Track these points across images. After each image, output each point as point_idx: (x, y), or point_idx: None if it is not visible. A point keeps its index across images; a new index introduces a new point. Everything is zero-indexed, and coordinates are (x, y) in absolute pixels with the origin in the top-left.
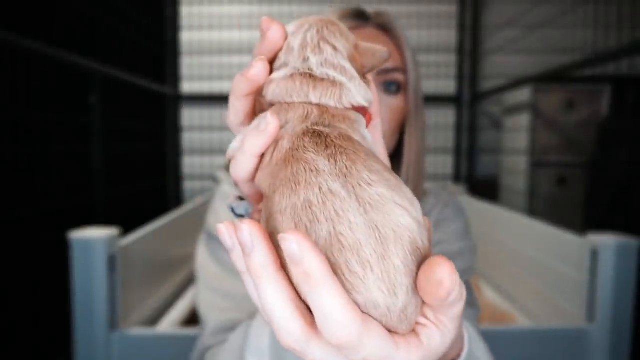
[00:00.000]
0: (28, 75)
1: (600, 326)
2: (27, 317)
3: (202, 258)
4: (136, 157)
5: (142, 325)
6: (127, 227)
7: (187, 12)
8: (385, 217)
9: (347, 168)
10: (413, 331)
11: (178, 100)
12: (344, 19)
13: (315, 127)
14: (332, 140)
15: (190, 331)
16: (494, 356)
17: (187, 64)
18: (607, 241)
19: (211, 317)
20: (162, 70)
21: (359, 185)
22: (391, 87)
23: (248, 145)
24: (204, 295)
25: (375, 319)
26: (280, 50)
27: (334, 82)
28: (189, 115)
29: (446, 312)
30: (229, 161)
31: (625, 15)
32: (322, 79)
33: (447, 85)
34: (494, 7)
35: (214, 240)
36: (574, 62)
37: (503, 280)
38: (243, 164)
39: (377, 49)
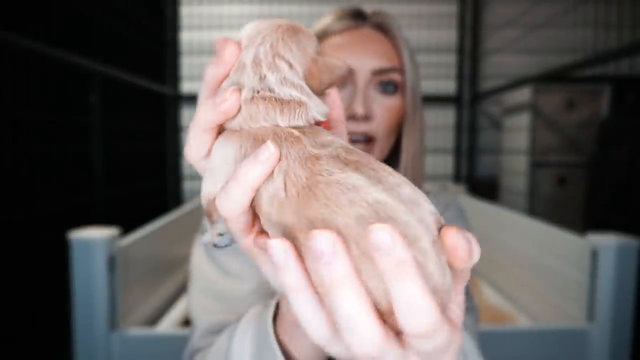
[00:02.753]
0: (28, 75)
1: (600, 326)
2: (27, 317)
3: (198, 259)
4: (136, 157)
5: (142, 325)
6: (127, 227)
7: (187, 12)
8: (422, 209)
9: (376, 177)
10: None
11: (178, 100)
12: (342, 19)
13: (321, 150)
14: (345, 157)
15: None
16: (495, 356)
17: (187, 64)
18: (607, 241)
19: (201, 319)
20: (162, 70)
21: (393, 189)
22: (388, 87)
23: (245, 177)
24: (196, 297)
25: None
26: None
27: (299, 102)
28: (189, 115)
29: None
30: (211, 201)
31: (625, 15)
32: (289, 101)
33: (447, 85)
34: (494, 7)
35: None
36: (574, 62)
37: (503, 280)
38: (238, 197)
39: (336, 64)
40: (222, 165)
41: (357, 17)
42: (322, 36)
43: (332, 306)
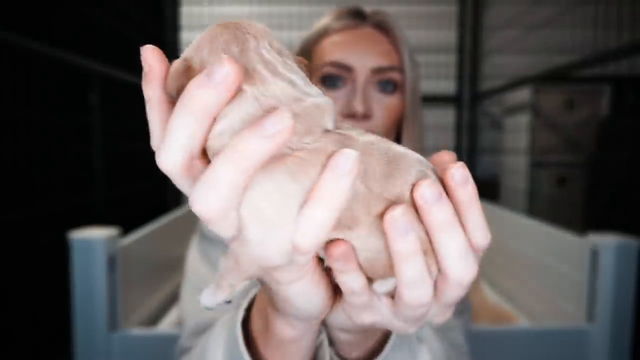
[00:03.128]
0: (28, 75)
1: (600, 326)
2: (27, 317)
3: (192, 258)
4: (136, 157)
5: (142, 325)
6: (127, 227)
7: (187, 12)
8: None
9: (396, 143)
10: None
11: None
12: (341, 18)
13: (366, 137)
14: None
15: None
16: (495, 356)
17: None
18: (607, 241)
19: (190, 318)
20: None
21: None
22: (387, 86)
23: (335, 195)
24: (187, 296)
25: None
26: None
27: (328, 100)
28: None
29: None
30: (286, 251)
31: (625, 15)
32: (327, 101)
33: (447, 85)
34: (494, 7)
35: (206, 239)
36: (574, 62)
37: (503, 280)
38: (327, 223)
39: (298, 57)
40: (283, 203)
41: (357, 16)
42: (322, 34)
43: (442, 249)
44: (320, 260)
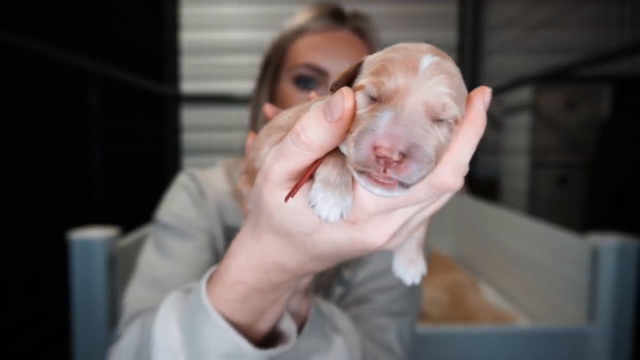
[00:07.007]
0: (28, 75)
1: (600, 326)
2: (27, 317)
3: (145, 249)
4: (136, 157)
5: None
6: (127, 227)
7: (187, 12)
8: None
9: None
10: None
11: (178, 100)
12: (321, 18)
13: None
14: None
15: None
16: (495, 356)
17: (188, 64)
18: (607, 241)
19: (130, 306)
20: (162, 71)
21: None
22: None
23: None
24: (132, 288)
25: None
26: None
27: None
28: (189, 115)
29: None
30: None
31: (625, 16)
32: None
33: None
34: (495, 7)
35: (161, 228)
36: (575, 62)
37: (503, 280)
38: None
39: None
40: None
41: (337, 17)
42: (300, 32)
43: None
44: None
